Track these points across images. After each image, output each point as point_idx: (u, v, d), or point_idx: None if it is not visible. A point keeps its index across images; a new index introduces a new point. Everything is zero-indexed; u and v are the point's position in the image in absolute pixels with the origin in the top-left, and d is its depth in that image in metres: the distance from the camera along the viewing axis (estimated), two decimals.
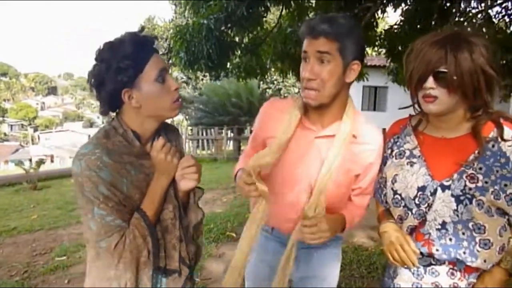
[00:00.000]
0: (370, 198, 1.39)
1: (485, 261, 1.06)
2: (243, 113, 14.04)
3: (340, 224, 1.28)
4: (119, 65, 1.03)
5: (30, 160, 20.03)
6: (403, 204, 1.15)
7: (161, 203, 1.14)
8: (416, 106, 1.19)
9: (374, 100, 16.88)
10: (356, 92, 16.04)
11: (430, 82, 1.04)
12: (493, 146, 1.07)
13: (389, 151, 1.24)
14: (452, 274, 1.11)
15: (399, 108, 1.34)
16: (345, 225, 1.30)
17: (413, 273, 1.17)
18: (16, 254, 4.09)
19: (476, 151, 1.07)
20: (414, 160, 1.16)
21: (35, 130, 52.71)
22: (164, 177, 1.14)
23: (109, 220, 1.05)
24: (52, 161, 18.86)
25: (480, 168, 1.06)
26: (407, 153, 1.18)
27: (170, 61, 5.59)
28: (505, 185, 1.03)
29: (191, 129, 14.25)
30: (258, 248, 1.41)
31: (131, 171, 1.10)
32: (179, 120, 19.89)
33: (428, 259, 1.13)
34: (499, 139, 1.06)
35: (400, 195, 1.15)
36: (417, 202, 1.12)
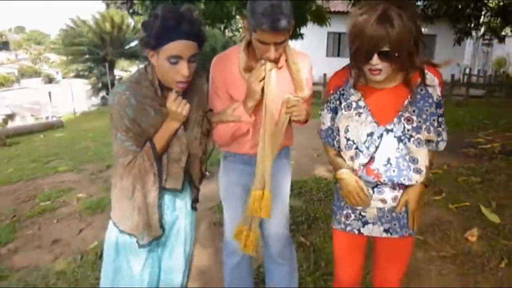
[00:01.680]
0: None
1: (416, 181, 1.39)
2: (208, 60, 13.92)
3: (305, 113, 1.61)
4: (156, 30, 1.26)
5: None
6: (354, 147, 1.36)
7: (168, 140, 1.42)
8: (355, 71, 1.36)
9: (338, 46, 17.12)
10: (320, 38, 16.21)
11: (375, 59, 1.20)
12: (421, 90, 1.33)
13: (338, 102, 1.43)
14: (394, 189, 1.43)
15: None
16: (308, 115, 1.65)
17: (358, 229, 1.49)
18: (0, 203, 4.31)
19: (409, 97, 1.33)
20: (361, 110, 1.35)
21: None
22: (173, 122, 1.41)
23: (127, 145, 1.36)
24: (12, 120, 18.25)
25: (414, 111, 1.29)
26: (354, 104, 1.36)
27: (133, 8, 5.58)
28: (434, 120, 1.33)
29: None
30: (231, 174, 1.74)
31: (151, 112, 1.38)
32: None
33: (376, 183, 1.42)
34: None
35: (352, 141, 1.38)
36: (366, 145, 1.34)
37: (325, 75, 10.75)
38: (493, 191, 3.67)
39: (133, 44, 17.47)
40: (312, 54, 1.89)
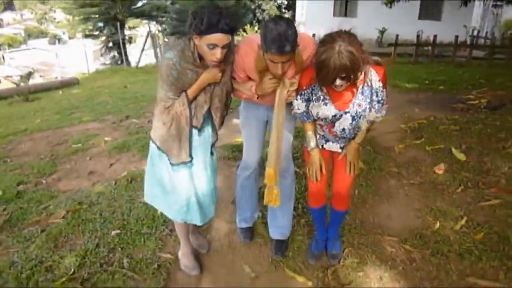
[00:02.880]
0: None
1: (355, 139, 2.06)
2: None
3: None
4: (203, 23, 1.68)
5: None
6: (323, 121, 2.02)
7: (198, 92, 1.92)
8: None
9: (345, 6, 17.11)
10: None
11: (338, 81, 1.71)
12: (366, 84, 1.88)
13: (311, 95, 1.98)
14: (343, 141, 2.10)
15: None
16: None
17: (322, 145, 2.15)
18: (37, 146, 4.92)
19: (360, 89, 1.88)
20: (326, 101, 1.91)
21: None
22: (206, 82, 1.90)
23: (169, 94, 1.88)
24: (32, 77, 18.77)
25: (362, 99, 1.86)
26: (321, 97, 1.91)
27: None
28: (375, 103, 1.89)
29: (167, 40, 14.34)
30: (250, 110, 2.27)
31: (189, 74, 1.87)
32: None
33: (333, 137, 2.09)
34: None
35: (321, 118, 2.00)
36: (330, 120, 1.97)
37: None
38: (467, 137, 4.18)
39: (140, 3, 17.60)
40: (319, 14, 2.26)
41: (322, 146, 2.16)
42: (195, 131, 2.02)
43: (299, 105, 2.02)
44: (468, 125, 4.60)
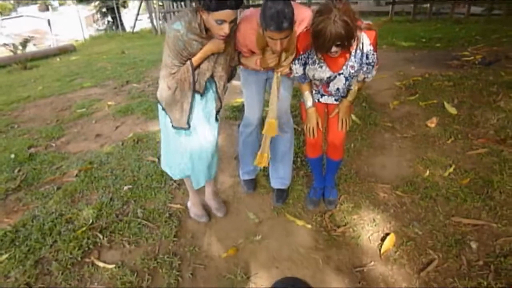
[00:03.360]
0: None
1: (349, 99, 2.21)
2: None
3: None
4: (212, 1, 1.76)
5: None
6: (318, 81, 2.16)
7: (202, 60, 2.02)
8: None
9: None
10: None
11: (334, 49, 1.83)
12: (357, 48, 2.00)
13: (307, 59, 2.11)
14: (336, 99, 2.24)
15: None
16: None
17: (318, 99, 2.29)
18: (41, 112, 5.06)
19: (353, 53, 2.01)
20: (321, 64, 2.05)
21: None
22: (210, 50, 1.99)
23: (174, 62, 1.98)
24: (27, 44, 18.51)
25: (355, 61, 2.02)
26: (317, 61, 2.05)
27: None
28: (365, 65, 2.04)
29: (161, 4, 14.09)
30: (250, 71, 2.37)
31: (194, 45, 1.96)
32: None
33: (328, 95, 2.24)
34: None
35: (317, 79, 2.14)
36: (325, 80, 2.12)
37: None
38: (460, 92, 4.31)
39: None
40: None
41: (318, 100, 2.31)
42: (197, 96, 2.14)
43: (297, 69, 2.16)
44: (461, 81, 4.70)
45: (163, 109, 2.17)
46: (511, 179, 2.68)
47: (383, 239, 2.27)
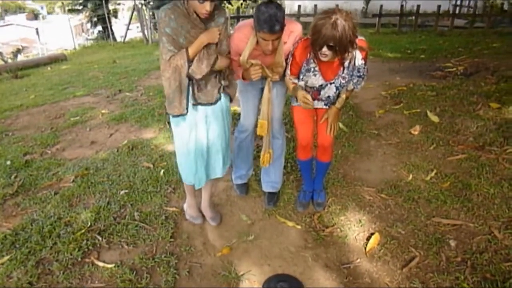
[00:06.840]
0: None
1: (338, 106, 2.37)
2: None
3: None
4: None
5: None
6: (310, 88, 2.32)
7: (198, 49, 2.11)
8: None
9: None
10: None
11: (324, 49, 1.96)
12: (350, 61, 2.17)
13: (303, 68, 2.25)
14: (326, 105, 2.40)
15: None
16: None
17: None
18: (35, 120, 5.12)
19: (346, 65, 2.18)
20: (316, 73, 2.22)
21: None
22: (205, 39, 2.10)
23: (167, 46, 2.08)
24: (20, 53, 18.36)
25: (347, 73, 2.22)
26: (312, 69, 2.22)
27: None
28: (355, 77, 2.24)
29: (152, 13, 14.19)
30: (245, 87, 2.55)
31: (190, 31, 2.07)
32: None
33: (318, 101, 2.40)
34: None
35: (309, 86, 2.31)
36: (317, 88, 2.29)
37: (315, 6, 11.11)
38: (442, 101, 4.52)
39: None
40: None
41: None
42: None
43: (292, 77, 2.33)
44: (444, 91, 4.93)
45: (172, 116, 2.25)
46: (488, 182, 2.86)
47: (368, 238, 2.42)
